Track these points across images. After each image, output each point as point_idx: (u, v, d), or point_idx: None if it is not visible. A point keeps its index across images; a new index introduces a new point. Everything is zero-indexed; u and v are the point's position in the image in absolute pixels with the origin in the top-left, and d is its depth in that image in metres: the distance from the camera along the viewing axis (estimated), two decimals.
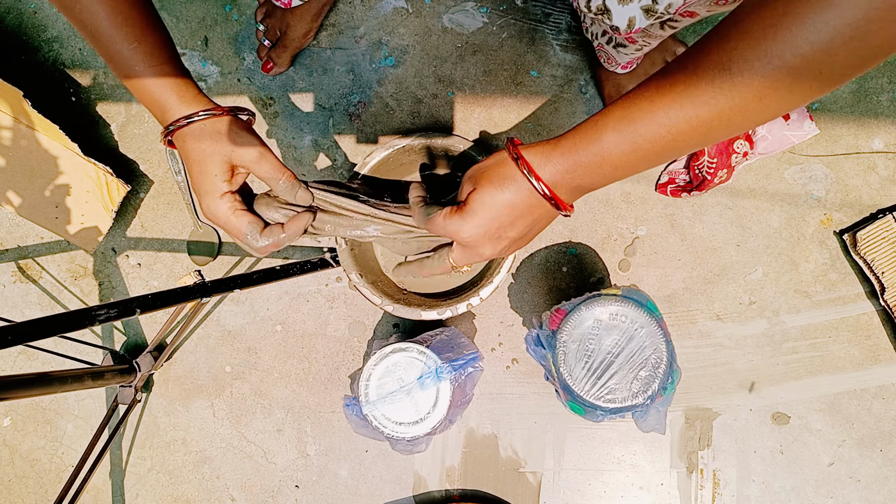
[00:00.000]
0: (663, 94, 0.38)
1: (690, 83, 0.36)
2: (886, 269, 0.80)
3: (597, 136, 0.41)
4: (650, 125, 0.39)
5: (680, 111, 0.37)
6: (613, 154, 0.41)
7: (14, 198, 0.87)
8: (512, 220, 0.47)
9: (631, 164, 0.42)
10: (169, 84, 0.49)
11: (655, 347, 0.64)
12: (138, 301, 0.57)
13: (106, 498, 0.89)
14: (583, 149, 0.42)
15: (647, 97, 0.39)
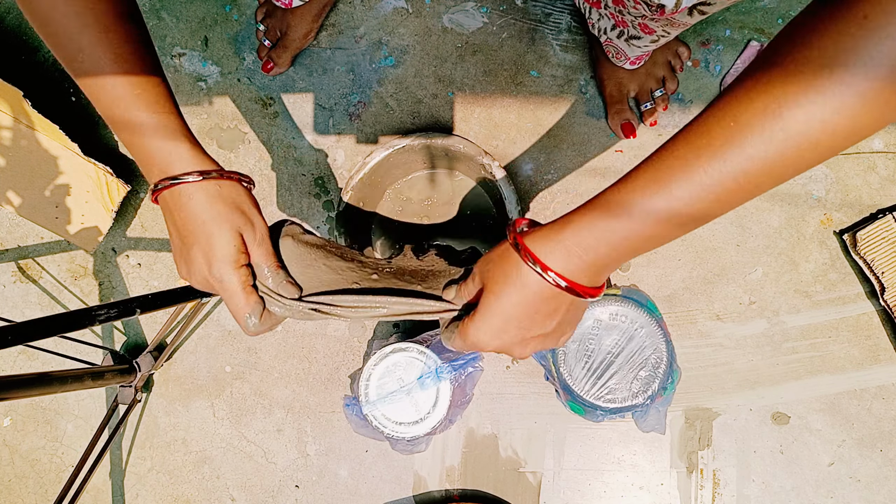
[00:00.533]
0: (699, 152, 0.33)
1: (732, 134, 0.32)
2: (886, 269, 0.80)
3: (621, 205, 0.36)
4: (688, 186, 0.34)
5: (724, 166, 0.33)
6: (646, 224, 0.36)
7: (14, 198, 0.87)
8: (531, 319, 0.41)
9: (666, 233, 0.36)
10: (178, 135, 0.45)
11: (655, 347, 0.64)
12: (138, 301, 0.57)
13: (106, 498, 0.89)
14: (603, 223, 0.37)
15: (678, 156, 0.34)
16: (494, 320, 0.41)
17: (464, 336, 0.43)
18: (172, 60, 0.91)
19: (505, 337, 0.42)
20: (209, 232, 0.44)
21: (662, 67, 0.83)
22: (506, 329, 0.42)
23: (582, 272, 0.39)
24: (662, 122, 0.85)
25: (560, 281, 0.38)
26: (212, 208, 0.45)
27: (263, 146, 0.90)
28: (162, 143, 0.44)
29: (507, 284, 0.40)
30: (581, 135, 0.86)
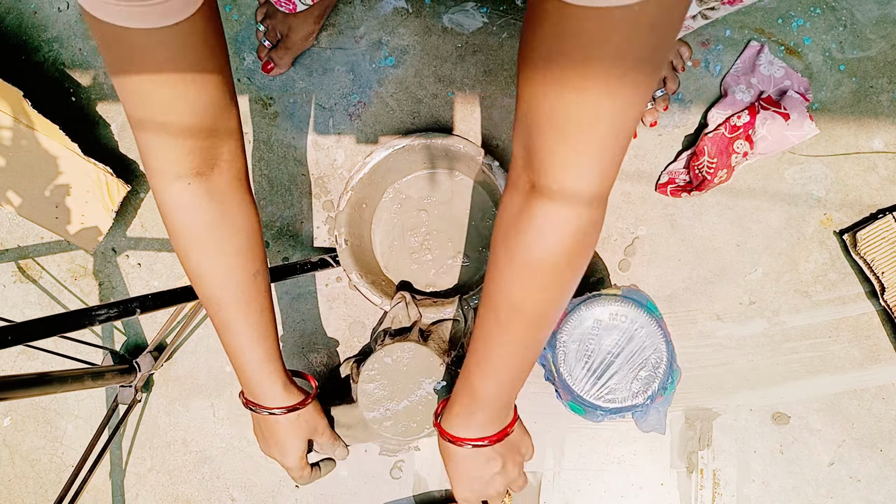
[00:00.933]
0: (486, 362, 0.51)
1: (494, 344, 0.49)
2: (886, 269, 0.80)
3: (470, 388, 0.53)
4: (494, 383, 0.51)
5: (507, 360, 0.50)
6: (489, 391, 0.52)
7: (14, 198, 0.87)
8: (480, 470, 0.57)
9: (526, 365, 0.52)
10: (277, 379, 0.60)
11: (655, 347, 0.64)
12: (138, 301, 0.57)
13: (106, 498, 0.89)
14: (468, 403, 0.54)
15: (477, 367, 0.52)
16: (461, 487, 0.58)
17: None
18: None
19: (476, 487, 0.57)
20: (285, 444, 0.62)
21: (664, 67, 0.83)
22: (471, 487, 0.58)
23: (490, 425, 0.54)
24: (662, 122, 0.85)
25: (478, 443, 0.54)
26: (290, 431, 0.62)
27: (263, 146, 0.90)
28: (264, 383, 0.59)
29: (450, 464, 0.57)
30: None
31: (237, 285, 0.55)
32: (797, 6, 0.84)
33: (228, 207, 0.53)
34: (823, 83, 0.84)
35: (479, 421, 0.54)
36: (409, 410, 0.69)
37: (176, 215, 0.52)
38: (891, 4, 0.83)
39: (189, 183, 0.50)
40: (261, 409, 0.60)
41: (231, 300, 0.56)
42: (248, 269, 0.56)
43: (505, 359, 0.50)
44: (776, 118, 0.80)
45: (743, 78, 0.83)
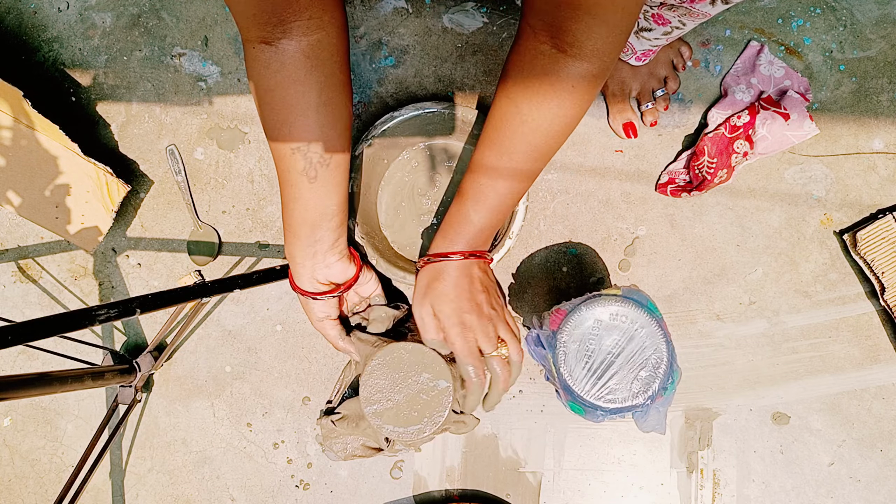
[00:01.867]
0: (502, 138, 0.56)
1: (496, 178, 0.57)
2: (886, 269, 0.80)
3: (467, 221, 0.60)
4: (511, 154, 0.57)
5: (516, 140, 0.56)
6: (484, 223, 0.60)
7: (14, 198, 0.87)
8: (467, 286, 0.61)
9: (514, 188, 0.59)
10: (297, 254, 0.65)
11: (655, 347, 0.64)
12: (138, 301, 0.57)
13: (106, 498, 0.89)
14: (464, 231, 0.60)
15: (495, 144, 0.58)
16: (450, 308, 0.61)
17: (461, 351, 0.63)
18: (172, 60, 0.91)
19: (466, 307, 0.60)
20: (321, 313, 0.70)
21: (665, 66, 0.83)
22: (460, 307, 0.60)
23: (467, 243, 0.60)
24: (663, 122, 0.85)
25: (466, 257, 0.60)
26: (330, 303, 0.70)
27: (263, 146, 0.90)
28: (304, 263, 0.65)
29: (439, 286, 0.61)
30: (581, 135, 0.86)
31: (277, 152, 0.59)
32: (797, 6, 0.84)
33: (282, 79, 0.56)
34: (823, 83, 0.84)
35: (464, 241, 0.60)
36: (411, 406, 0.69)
37: (247, 70, 0.57)
38: (891, 4, 0.83)
39: (254, 47, 0.54)
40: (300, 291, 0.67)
41: (276, 162, 0.60)
42: (287, 143, 0.58)
43: (504, 192, 0.57)
44: (776, 118, 0.80)
45: (743, 78, 0.83)
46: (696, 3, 0.59)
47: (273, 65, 0.55)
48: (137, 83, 0.91)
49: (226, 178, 0.90)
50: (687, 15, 0.63)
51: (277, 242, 0.89)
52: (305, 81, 0.56)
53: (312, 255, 0.65)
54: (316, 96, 0.57)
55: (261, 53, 0.54)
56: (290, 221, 0.63)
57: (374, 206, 0.85)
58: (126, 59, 0.91)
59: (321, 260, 0.66)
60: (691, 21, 0.65)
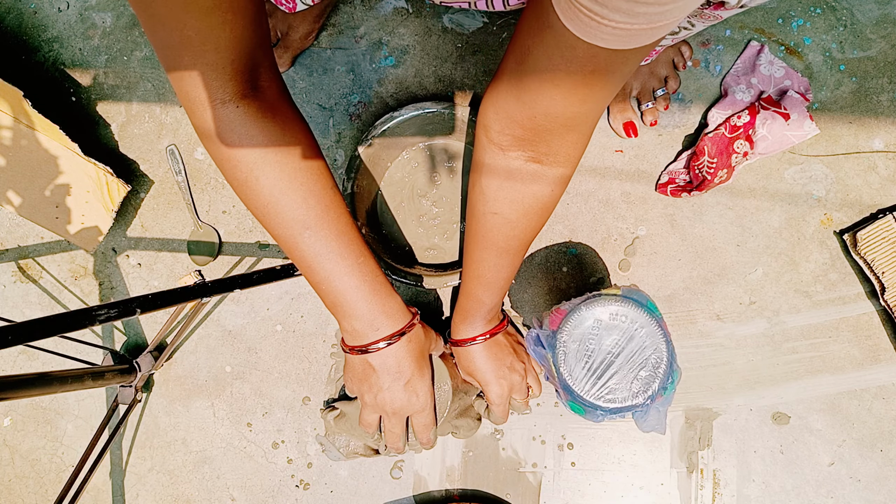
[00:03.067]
0: (489, 280, 0.63)
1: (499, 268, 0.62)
2: (886, 269, 0.80)
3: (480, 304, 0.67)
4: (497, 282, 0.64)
5: (489, 288, 0.64)
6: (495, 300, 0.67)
7: (14, 198, 0.87)
8: (497, 359, 0.71)
9: (505, 293, 0.68)
10: (393, 290, 0.59)
11: (655, 347, 0.64)
12: (139, 301, 0.57)
13: (106, 498, 0.89)
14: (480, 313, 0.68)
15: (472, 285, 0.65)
16: (490, 376, 0.71)
17: (498, 401, 0.72)
18: None
19: (502, 372, 0.71)
20: (419, 371, 0.61)
21: (665, 66, 0.83)
22: (497, 373, 0.71)
23: (490, 325, 0.70)
24: (663, 122, 0.85)
25: (488, 335, 0.70)
26: (423, 351, 0.63)
27: None
28: (385, 299, 0.57)
29: (475, 362, 0.70)
30: None
31: (319, 201, 0.52)
32: (797, 6, 0.84)
33: (284, 121, 0.52)
34: (823, 83, 0.84)
35: (482, 322, 0.68)
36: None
37: (233, 140, 0.49)
38: (891, 4, 0.83)
39: (237, 106, 0.48)
40: (392, 336, 0.56)
41: (318, 219, 0.52)
42: (324, 183, 0.53)
43: (506, 275, 0.62)
44: (776, 118, 0.80)
45: (743, 78, 0.83)
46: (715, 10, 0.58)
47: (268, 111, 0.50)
48: (138, 83, 0.91)
49: None
50: (698, 17, 0.62)
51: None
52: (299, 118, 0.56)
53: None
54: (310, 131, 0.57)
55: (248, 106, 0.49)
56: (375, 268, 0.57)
57: (374, 206, 0.85)
58: (126, 59, 0.91)
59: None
60: (701, 23, 0.64)
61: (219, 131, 0.48)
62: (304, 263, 0.53)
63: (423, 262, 0.85)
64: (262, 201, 0.51)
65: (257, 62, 0.49)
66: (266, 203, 0.51)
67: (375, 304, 0.55)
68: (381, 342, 0.56)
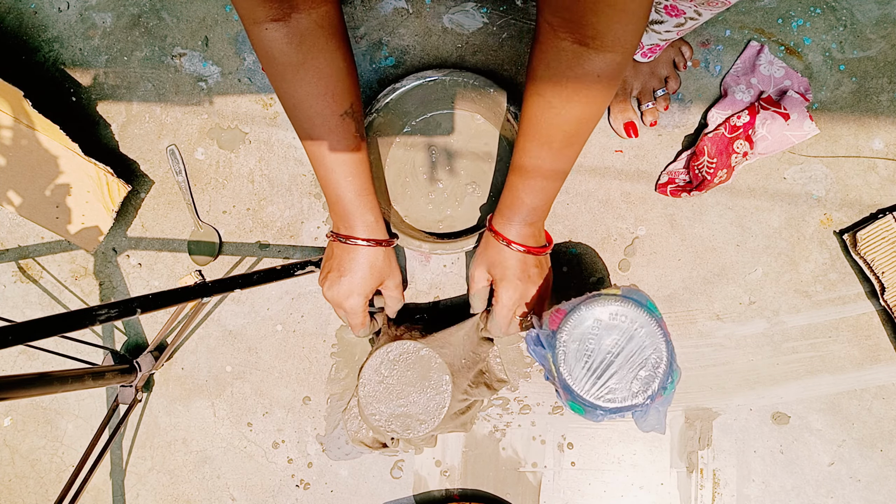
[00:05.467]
0: (540, 134, 0.60)
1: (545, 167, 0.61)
2: (886, 269, 0.80)
3: (520, 202, 0.65)
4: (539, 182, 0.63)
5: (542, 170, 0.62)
6: (549, 184, 0.64)
7: (14, 198, 0.87)
8: (525, 271, 0.68)
9: (559, 182, 0.64)
10: (368, 210, 0.66)
11: (655, 347, 0.64)
12: (139, 301, 0.57)
13: (106, 498, 0.89)
14: (519, 210, 0.65)
15: (541, 141, 0.60)
16: (516, 282, 0.68)
17: (507, 304, 0.69)
18: (173, 60, 0.91)
19: (521, 287, 0.68)
20: (362, 277, 0.67)
21: (666, 66, 0.83)
22: (518, 276, 0.67)
23: (535, 236, 0.67)
24: (663, 122, 0.85)
25: (532, 251, 0.67)
26: (371, 265, 0.67)
27: (264, 146, 0.90)
28: (357, 212, 0.65)
29: (504, 263, 0.67)
30: None
31: (324, 123, 0.60)
32: (797, 6, 0.84)
33: (308, 51, 0.56)
34: (823, 83, 0.84)
35: (521, 222, 0.66)
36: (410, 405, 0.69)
37: (260, 56, 0.57)
38: (891, 4, 0.83)
39: (266, 28, 0.54)
40: (351, 239, 0.65)
41: (321, 135, 0.60)
42: (334, 110, 0.59)
43: (547, 172, 0.61)
44: (776, 118, 0.80)
45: (743, 78, 0.83)
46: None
47: (294, 39, 0.56)
48: (138, 83, 0.91)
49: (226, 179, 0.90)
50: (705, 4, 0.62)
51: (278, 242, 0.90)
52: (329, 49, 0.58)
53: (379, 210, 0.69)
54: (343, 61, 0.60)
55: (275, 31, 0.55)
56: (363, 185, 0.64)
57: (382, 181, 0.85)
58: (126, 59, 0.91)
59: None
60: (708, 11, 0.64)
61: (253, 46, 0.57)
62: (312, 162, 0.64)
63: (435, 232, 0.85)
64: (283, 105, 0.61)
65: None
66: (285, 108, 0.61)
67: (358, 215, 0.65)
68: (348, 238, 0.66)
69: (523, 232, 0.66)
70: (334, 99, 0.60)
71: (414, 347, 0.70)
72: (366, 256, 0.67)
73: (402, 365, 0.70)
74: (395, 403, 0.69)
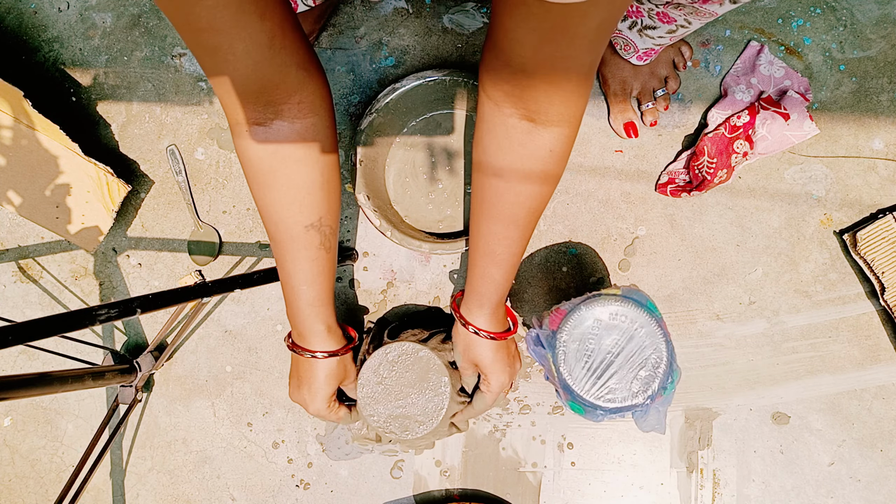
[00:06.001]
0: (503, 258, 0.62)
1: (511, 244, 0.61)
2: (886, 269, 0.80)
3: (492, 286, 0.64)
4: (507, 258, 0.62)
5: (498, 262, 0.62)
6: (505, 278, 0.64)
7: (14, 197, 0.87)
8: (509, 356, 0.70)
9: (513, 275, 0.65)
10: (324, 325, 0.66)
11: (655, 347, 0.64)
12: (139, 301, 0.57)
13: (106, 498, 0.89)
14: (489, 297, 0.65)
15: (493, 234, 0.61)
16: (504, 368, 0.70)
17: (497, 390, 0.70)
18: (173, 60, 0.91)
19: (509, 370, 0.70)
20: (318, 386, 0.68)
21: (665, 66, 0.83)
22: (504, 370, 0.69)
23: (495, 308, 0.67)
24: (663, 122, 0.85)
25: (503, 336, 0.68)
26: (326, 375, 0.67)
27: None
28: (307, 323, 0.65)
29: (487, 356, 0.68)
30: (581, 135, 0.86)
31: (287, 231, 0.60)
32: (797, 6, 0.84)
33: (283, 160, 0.56)
34: (823, 83, 0.84)
35: (490, 306, 0.66)
36: (408, 406, 0.69)
37: (237, 154, 0.58)
38: (891, 4, 0.83)
39: (246, 130, 0.55)
40: (303, 351, 0.66)
41: (283, 241, 0.61)
42: (298, 221, 0.59)
43: (513, 249, 0.61)
44: (776, 118, 0.80)
45: (743, 78, 0.83)
46: (706, 4, 0.59)
47: (271, 145, 0.55)
48: (138, 83, 0.91)
49: (226, 178, 0.90)
50: (693, 14, 0.63)
51: None
52: (307, 161, 0.57)
53: (334, 319, 0.69)
54: (319, 175, 0.58)
55: (255, 135, 0.55)
56: (320, 296, 0.64)
57: (382, 181, 0.85)
58: (126, 59, 0.91)
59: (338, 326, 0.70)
60: (697, 20, 0.65)
61: (234, 144, 0.56)
62: (276, 263, 0.65)
63: (435, 232, 0.85)
64: (258, 206, 0.61)
65: (282, 85, 0.52)
66: (256, 206, 0.61)
67: (309, 325, 0.65)
68: (300, 350, 0.67)
69: (492, 320, 0.67)
70: (301, 210, 0.59)
71: (412, 349, 0.70)
72: (320, 368, 0.67)
73: (401, 366, 0.70)
74: (393, 405, 0.69)
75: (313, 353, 0.66)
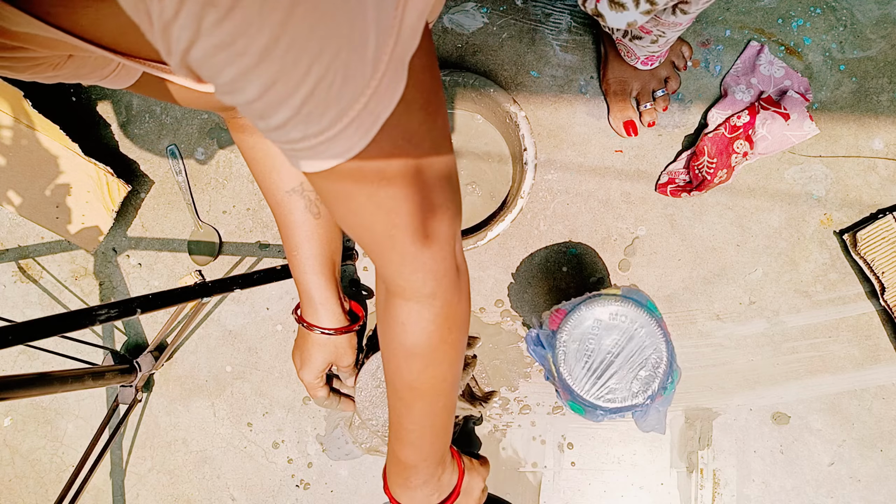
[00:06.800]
0: (403, 434, 0.52)
1: (404, 419, 0.51)
2: (886, 269, 0.80)
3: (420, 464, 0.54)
4: (415, 450, 0.53)
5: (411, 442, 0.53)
6: (421, 462, 0.54)
7: (15, 198, 0.87)
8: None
9: (434, 452, 0.54)
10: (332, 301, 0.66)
11: (655, 347, 0.64)
12: (139, 301, 0.57)
13: (106, 498, 0.89)
14: (412, 476, 0.55)
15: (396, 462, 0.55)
16: None
17: None
18: None
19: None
20: (308, 357, 0.68)
21: (666, 67, 0.83)
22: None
23: (433, 490, 0.56)
24: (663, 122, 0.85)
25: None
26: (318, 347, 0.68)
27: None
28: (321, 303, 0.66)
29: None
30: (581, 135, 0.86)
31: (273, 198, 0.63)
32: (797, 6, 0.84)
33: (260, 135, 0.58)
34: (823, 83, 0.84)
35: (417, 484, 0.55)
36: None
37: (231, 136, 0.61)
38: (891, 4, 0.83)
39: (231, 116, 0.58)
40: (300, 319, 0.68)
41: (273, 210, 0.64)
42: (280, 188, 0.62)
43: (418, 430, 0.51)
44: (776, 118, 0.80)
45: (743, 78, 0.84)
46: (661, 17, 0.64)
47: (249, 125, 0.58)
48: None
49: (226, 179, 0.90)
50: (658, 26, 0.66)
51: (278, 242, 0.90)
52: None
53: (335, 289, 0.67)
54: None
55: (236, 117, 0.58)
56: (308, 262, 0.64)
57: None
58: None
59: (341, 296, 0.68)
60: (670, 31, 0.67)
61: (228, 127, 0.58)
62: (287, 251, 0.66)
63: None
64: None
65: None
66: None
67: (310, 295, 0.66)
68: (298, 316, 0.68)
69: (434, 497, 0.56)
70: (280, 177, 0.61)
71: None
72: (312, 342, 0.67)
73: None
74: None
75: (309, 325, 0.67)
